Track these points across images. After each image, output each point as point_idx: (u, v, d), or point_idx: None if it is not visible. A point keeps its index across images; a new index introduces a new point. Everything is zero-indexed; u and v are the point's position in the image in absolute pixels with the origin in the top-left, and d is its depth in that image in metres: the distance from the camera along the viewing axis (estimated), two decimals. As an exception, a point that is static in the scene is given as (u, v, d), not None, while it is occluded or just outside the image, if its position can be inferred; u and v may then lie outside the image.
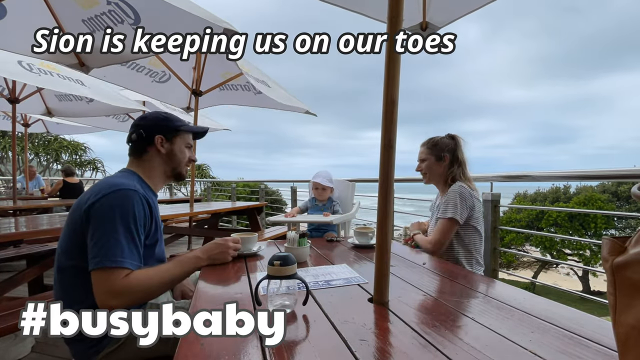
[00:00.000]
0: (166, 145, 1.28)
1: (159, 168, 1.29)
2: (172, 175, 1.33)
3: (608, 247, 0.46)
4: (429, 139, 1.90)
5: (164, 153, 1.28)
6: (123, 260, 1.03)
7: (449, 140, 1.86)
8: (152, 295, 1.11)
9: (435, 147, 1.85)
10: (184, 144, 1.33)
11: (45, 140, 13.12)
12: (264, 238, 3.47)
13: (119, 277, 1.02)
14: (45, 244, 2.67)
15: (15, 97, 4.00)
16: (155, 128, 1.26)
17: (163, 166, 1.30)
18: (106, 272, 1.01)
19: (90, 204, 1.06)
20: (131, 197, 1.10)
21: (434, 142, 1.87)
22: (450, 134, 1.90)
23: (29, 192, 5.70)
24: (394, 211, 2.25)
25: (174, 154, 1.30)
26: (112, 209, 1.06)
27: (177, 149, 1.30)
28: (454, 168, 1.83)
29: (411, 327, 0.77)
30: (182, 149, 1.32)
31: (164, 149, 1.27)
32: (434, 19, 1.67)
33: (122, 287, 1.02)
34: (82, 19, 2.29)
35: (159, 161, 1.28)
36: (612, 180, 10.51)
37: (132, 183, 1.15)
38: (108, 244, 1.03)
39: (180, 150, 1.32)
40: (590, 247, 12.15)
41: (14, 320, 1.55)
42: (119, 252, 1.03)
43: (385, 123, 0.91)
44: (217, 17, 2.10)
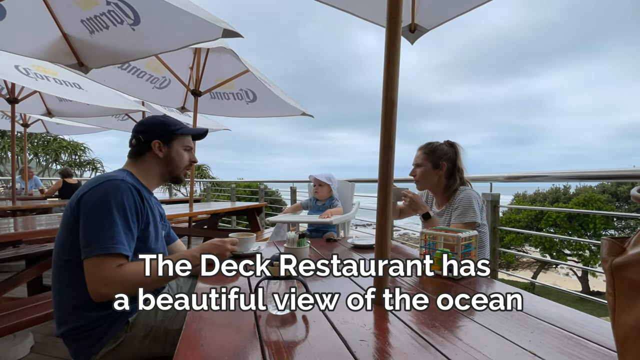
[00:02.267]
0: (164, 149, 1.29)
1: (156, 170, 1.30)
2: (169, 178, 1.34)
3: (607, 248, 0.46)
4: (427, 144, 1.81)
5: (161, 157, 1.29)
6: (115, 246, 1.02)
7: (448, 148, 1.78)
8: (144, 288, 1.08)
9: (433, 153, 1.76)
10: (182, 147, 1.33)
11: (45, 140, 13.10)
12: (264, 238, 3.47)
13: (113, 265, 1.01)
14: (44, 244, 2.67)
15: (15, 97, 3.99)
16: (152, 133, 1.27)
17: (160, 169, 1.31)
18: (98, 259, 1.00)
19: (80, 196, 1.08)
20: (120, 186, 1.11)
21: (432, 148, 1.78)
22: (449, 141, 1.81)
23: (28, 193, 5.70)
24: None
25: (172, 157, 1.31)
26: (102, 198, 1.07)
27: (174, 152, 1.31)
28: (455, 177, 1.75)
29: (411, 328, 0.77)
30: (180, 152, 1.32)
31: (162, 153, 1.28)
32: (422, 22, 1.65)
33: (115, 276, 1.01)
34: (81, 19, 2.28)
35: (156, 164, 1.29)
36: (611, 180, 10.52)
37: (122, 175, 1.17)
38: (99, 231, 1.02)
39: (178, 154, 1.32)
40: (589, 248, 12.16)
41: (13, 321, 1.54)
42: (111, 238, 1.02)
43: (384, 123, 0.91)
44: (216, 18, 2.09)
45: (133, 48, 2.38)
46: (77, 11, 2.24)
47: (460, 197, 1.69)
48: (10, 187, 4.26)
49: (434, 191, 1.84)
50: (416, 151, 1.84)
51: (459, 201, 1.69)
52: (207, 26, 2.08)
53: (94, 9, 2.20)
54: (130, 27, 2.22)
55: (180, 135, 1.33)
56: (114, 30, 2.26)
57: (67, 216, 1.09)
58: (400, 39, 0.92)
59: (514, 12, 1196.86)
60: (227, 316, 0.83)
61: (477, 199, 1.68)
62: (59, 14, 2.33)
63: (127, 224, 1.08)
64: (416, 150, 1.85)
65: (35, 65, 3.36)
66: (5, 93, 3.99)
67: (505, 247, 11.93)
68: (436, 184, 1.78)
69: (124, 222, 1.07)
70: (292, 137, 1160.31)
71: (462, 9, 1.56)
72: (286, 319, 0.82)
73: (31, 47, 2.43)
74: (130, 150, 1.30)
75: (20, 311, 1.65)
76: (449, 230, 1.24)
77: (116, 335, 1.08)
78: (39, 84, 3.27)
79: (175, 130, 1.31)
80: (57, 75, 3.55)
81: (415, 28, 1.67)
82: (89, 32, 2.35)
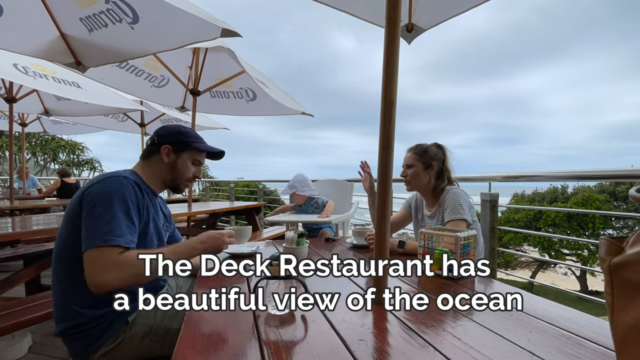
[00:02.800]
0: (172, 156, 1.29)
1: (159, 175, 1.31)
2: (170, 185, 1.35)
3: (605, 248, 0.46)
4: (417, 145, 1.84)
5: (167, 163, 1.29)
6: (115, 238, 1.01)
7: (437, 149, 1.83)
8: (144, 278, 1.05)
9: (425, 154, 1.80)
10: (191, 160, 1.34)
11: (43, 139, 13.05)
12: (262, 238, 3.47)
13: (113, 254, 1.00)
14: (43, 244, 2.66)
15: (12, 96, 3.97)
16: (167, 138, 1.29)
17: (163, 174, 1.31)
18: (97, 250, 0.99)
19: (83, 191, 1.09)
20: (121, 182, 1.12)
21: (423, 149, 1.81)
22: (437, 144, 1.86)
23: (26, 192, 5.68)
24: (392, 211, 2.24)
25: (177, 166, 1.31)
26: (103, 192, 1.07)
27: (181, 162, 1.31)
28: (444, 177, 1.79)
29: (410, 327, 0.77)
30: (187, 163, 1.33)
31: (168, 159, 1.29)
32: (419, 21, 1.65)
33: (116, 261, 1.00)
34: (80, 17, 2.27)
35: (161, 169, 1.30)
36: (610, 180, 10.54)
37: (125, 173, 1.18)
38: (99, 225, 1.02)
39: (184, 165, 1.32)
40: (587, 247, 12.20)
41: (11, 321, 1.54)
42: (111, 231, 1.02)
43: (383, 123, 0.91)
44: (215, 17, 2.09)
45: (131, 47, 2.37)
46: (76, 9, 2.23)
47: (447, 196, 1.72)
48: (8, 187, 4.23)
49: (424, 192, 1.85)
50: (405, 152, 1.87)
51: (447, 200, 1.71)
52: (205, 26, 2.08)
53: (92, 7, 2.18)
54: (129, 26, 2.21)
55: (194, 149, 1.33)
56: (113, 29, 2.25)
57: (69, 212, 1.09)
58: (399, 38, 0.92)
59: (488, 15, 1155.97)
60: (226, 316, 0.83)
61: (464, 197, 1.70)
62: (56, 12, 2.31)
63: (129, 217, 1.08)
64: (405, 152, 1.87)
65: (34, 64, 3.34)
66: (3, 92, 3.97)
67: (504, 247, 11.94)
68: (426, 185, 1.80)
69: (125, 216, 1.07)
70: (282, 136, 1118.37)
71: (459, 9, 1.57)
72: (285, 319, 0.82)
73: (28, 45, 2.42)
74: (143, 150, 1.33)
75: (18, 311, 1.64)
76: (448, 230, 1.24)
77: (115, 335, 1.08)
78: (38, 83, 3.25)
79: (189, 142, 1.32)
80: (56, 74, 3.52)
81: (412, 28, 1.67)
82: (87, 31, 2.33)
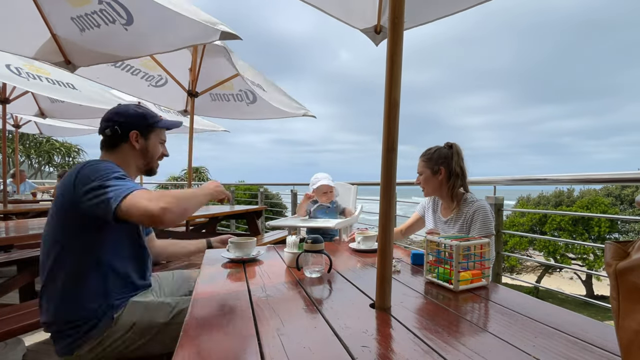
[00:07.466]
0: (141, 140, 1.30)
1: (132, 162, 1.31)
2: (144, 170, 1.36)
3: (611, 252, 0.46)
4: (426, 151, 1.85)
5: (137, 149, 1.30)
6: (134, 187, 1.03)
7: (446, 151, 1.80)
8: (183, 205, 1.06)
9: (430, 160, 1.81)
10: (158, 140, 1.36)
11: (37, 142, 12.95)
12: (263, 242, 3.46)
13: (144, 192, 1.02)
14: (37, 248, 2.63)
15: (6, 97, 3.88)
16: (131, 124, 1.28)
17: (136, 160, 1.32)
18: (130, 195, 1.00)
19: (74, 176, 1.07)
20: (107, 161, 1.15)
21: (429, 154, 1.83)
22: (448, 143, 1.83)
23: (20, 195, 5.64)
24: (396, 215, 2.24)
25: (148, 150, 1.32)
26: (98, 169, 1.08)
27: (151, 145, 1.33)
28: (454, 180, 1.76)
29: (413, 333, 0.76)
30: (155, 144, 1.35)
31: (139, 145, 1.29)
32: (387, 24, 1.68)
33: (151, 195, 1.01)
34: (71, 17, 2.23)
35: (132, 155, 1.30)
36: (615, 183, 10.44)
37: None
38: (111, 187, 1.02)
39: (154, 146, 1.34)
40: (593, 251, 12.06)
41: (4, 328, 1.51)
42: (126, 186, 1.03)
43: (387, 125, 0.90)
44: (214, 20, 2.02)
45: (125, 48, 2.34)
46: (67, 8, 2.20)
47: (474, 209, 1.70)
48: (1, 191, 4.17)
49: (440, 196, 1.87)
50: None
51: (475, 214, 1.69)
52: (203, 28, 2.05)
53: (85, 7, 2.16)
54: (123, 27, 2.18)
55: (158, 128, 1.35)
56: (106, 30, 2.21)
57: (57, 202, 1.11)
58: (403, 39, 0.91)
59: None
60: (227, 321, 0.83)
61: (491, 211, 1.72)
62: (46, 11, 2.28)
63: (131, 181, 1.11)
64: None
65: (27, 65, 3.27)
66: (-4, 93, 3.87)
67: (509, 251, 11.84)
68: (439, 189, 1.82)
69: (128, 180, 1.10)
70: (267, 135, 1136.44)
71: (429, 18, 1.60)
72: (285, 320, 0.81)
73: (16, 43, 2.37)
74: (103, 140, 1.29)
75: (12, 318, 1.61)
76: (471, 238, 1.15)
77: (101, 332, 1.10)
78: (31, 84, 3.19)
79: (154, 123, 1.32)
80: (50, 75, 3.45)
81: (380, 30, 1.68)
82: (79, 30, 2.29)
